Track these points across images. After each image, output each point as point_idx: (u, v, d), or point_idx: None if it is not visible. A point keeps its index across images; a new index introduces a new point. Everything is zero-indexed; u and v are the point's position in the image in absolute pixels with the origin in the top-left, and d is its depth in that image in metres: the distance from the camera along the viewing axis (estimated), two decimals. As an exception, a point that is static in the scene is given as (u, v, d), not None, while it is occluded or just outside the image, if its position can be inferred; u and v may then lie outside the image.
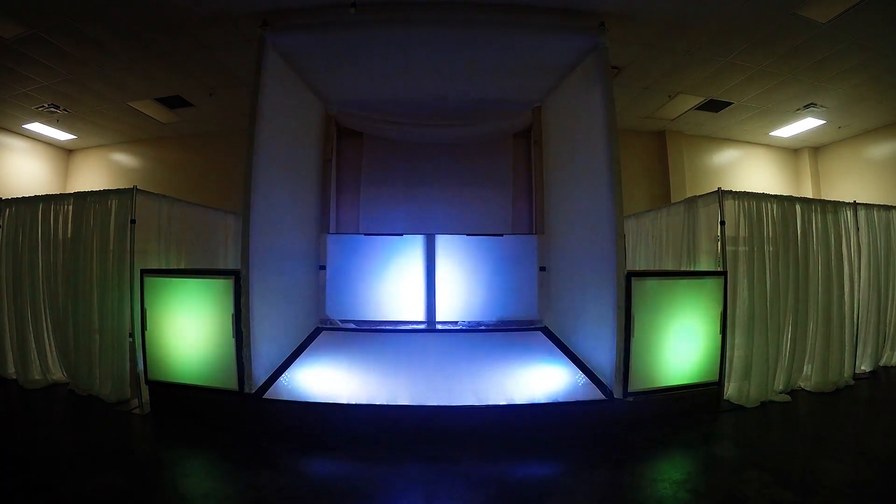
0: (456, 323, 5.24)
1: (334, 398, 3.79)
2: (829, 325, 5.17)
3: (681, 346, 4.13)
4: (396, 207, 6.22)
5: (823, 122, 7.64)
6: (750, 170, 8.76)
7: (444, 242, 5.38)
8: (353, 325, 5.04)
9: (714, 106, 7.13)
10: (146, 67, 5.73)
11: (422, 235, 5.39)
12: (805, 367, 5.12)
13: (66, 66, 5.62)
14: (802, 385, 5.09)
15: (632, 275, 3.90)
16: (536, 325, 4.95)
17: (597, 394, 3.93)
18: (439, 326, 5.16)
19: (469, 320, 5.25)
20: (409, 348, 4.41)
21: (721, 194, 4.72)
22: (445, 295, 5.30)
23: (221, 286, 3.92)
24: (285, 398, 3.86)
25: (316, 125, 5.21)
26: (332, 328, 4.85)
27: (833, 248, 5.25)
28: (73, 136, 8.20)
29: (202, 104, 6.87)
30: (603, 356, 4.00)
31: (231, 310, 3.86)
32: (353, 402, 3.74)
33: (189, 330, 4.07)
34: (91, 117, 7.38)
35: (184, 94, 6.52)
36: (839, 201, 5.47)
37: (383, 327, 4.95)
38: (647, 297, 3.98)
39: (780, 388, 4.85)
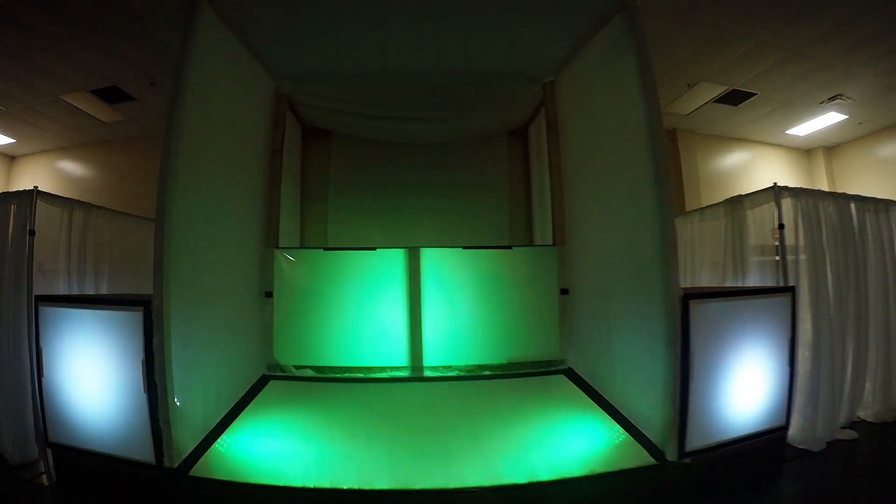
0: (450, 367, 3.91)
1: (286, 478, 2.57)
2: (889, 341, 4.25)
3: (745, 384, 3.03)
4: (372, 218, 5.13)
5: (846, 116, 6.75)
6: (762, 172, 7.78)
7: (432, 259, 3.96)
8: (311, 373, 3.77)
9: (735, 98, 6.14)
10: (73, 48, 4.59)
11: (402, 250, 3.98)
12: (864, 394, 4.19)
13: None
14: (861, 415, 4.18)
15: (689, 297, 2.77)
16: (558, 367, 3.75)
17: (644, 457, 2.78)
18: (428, 373, 3.83)
19: (468, 364, 3.92)
20: (387, 405, 3.20)
21: (777, 191, 3.71)
22: (435, 330, 3.90)
23: (129, 321, 2.70)
24: (219, 477, 2.61)
25: (263, 106, 3.95)
26: (284, 376, 3.62)
27: (887, 252, 4.35)
28: (12, 140, 6.96)
29: (144, 97, 5.68)
30: (650, 406, 2.87)
31: (142, 352, 2.65)
32: (312, 486, 2.52)
33: (94, 379, 2.85)
34: (27, 116, 6.16)
35: (121, 84, 5.33)
36: (890, 200, 4.52)
37: (352, 375, 3.72)
38: (707, 325, 2.85)
39: (842, 422, 3.90)
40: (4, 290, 3.44)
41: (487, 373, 3.76)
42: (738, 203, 4.08)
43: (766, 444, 3.15)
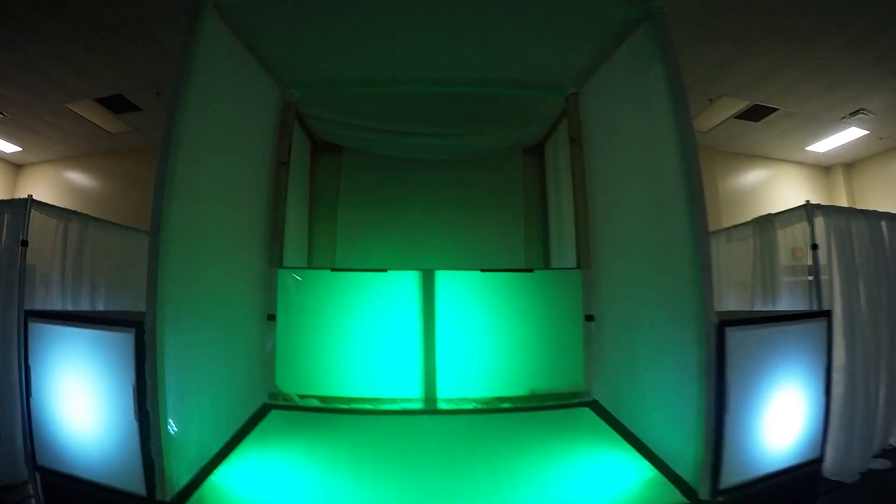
0: (467, 399, 3.57)
1: (286, 518, 2.34)
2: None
3: (780, 415, 2.76)
4: (383, 237, 4.89)
5: (867, 132, 6.49)
6: (782, 190, 7.54)
7: (447, 282, 3.61)
8: (315, 402, 3.47)
9: (757, 113, 5.94)
10: (77, 53, 4.43)
11: (416, 272, 3.63)
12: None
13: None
14: (893, 442, 3.92)
15: (725, 323, 2.51)
16: (582, 399, 3.46)
17: (675, 496, 2.51)
18: (443, 405, 3.50)
19: (485, 395, 3.57)
20: (398, 439, 2.91)
21: (810, 210, 3.52)
22: (451, 358, 3.54)
23: (119, 342, 2.49)
24: (215, 513, 2.41)
25: (269, 115, 3.65)
26: (286, 406, 3.34)
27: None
28: (18, 149, 6.82)
29: (151, 108, 5.52)
30: (682, 441, 2.61)
31: (133, 377, 2.43)
32: (315, 530, 2.29)
33: (84, 402, 2.62)
34: (32, 124, 6.02)
35: (127, 93, 5.18)
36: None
37: (360, 406, 3.43)
38: (742, 353, 2.59)
39: (875, 450, 3.69)
40: (-5, 306, 3.29)
41: (507, 405, 3.47)
42: (767, 222, 3.88)
43: (800, 478, 2.85)
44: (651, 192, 2.94)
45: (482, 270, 3.72)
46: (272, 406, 3.28)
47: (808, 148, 7.10)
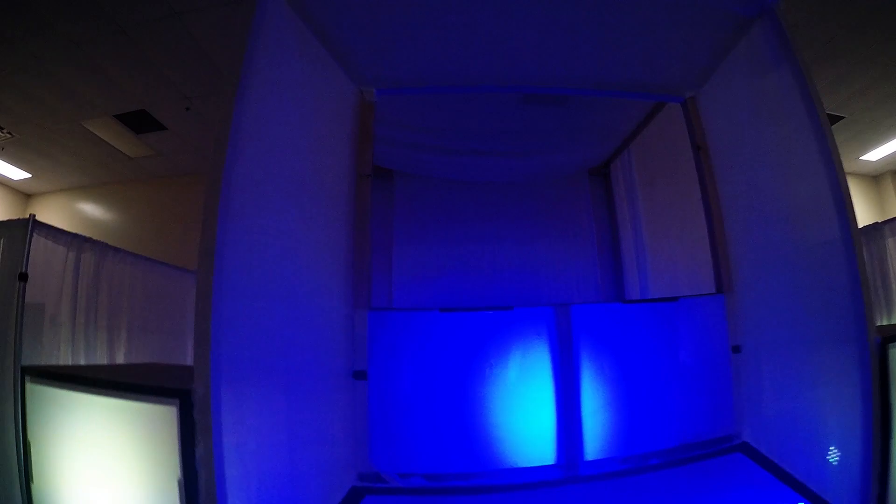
0: (613, 461, 2.73)
1: None
2: None
3: None
4: (445, 271, 4.28)
5: (920, 136, 6.01)
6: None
7: (582, 319, 2.78)
8: (422, 481, 2.60)
9: (824, 125, 5.44)
10: (97, 56, 3.73)
11: (548, 308, 2.78)
12: None
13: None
14: None
15: (888, 340, 2.00)
16: (732, 443, 2.77)
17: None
18: (585, 471, 2.67)
19: (630, 453, 2.76)
20: None
21: None
22: (592, 411, 2.73)
23: (158, 417, 1.75)
24: None
25: (347, 117, 2.90)
26: (383, 489, 2.49)
27: None
28: (27, 175, 6.08)
29: (178, 126, 4.79)
30: (844, 474, 2.12)
31: (178, 468, 1.69)
32: None
33: (108, 498, 1.86)
34: (43, 146, 5.31)
35: (151, 108, 4.47)
36: None
37: (480, 483, 2.57)
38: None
39: None
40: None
41: (656, 461, 2.74)
42: (875, 232, 3.60)
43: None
44: (787, 203, 2.55)
45: (625, 302, 2.98)
46: (365, 490, 2.44)
47: (862, 157, 6.61)
